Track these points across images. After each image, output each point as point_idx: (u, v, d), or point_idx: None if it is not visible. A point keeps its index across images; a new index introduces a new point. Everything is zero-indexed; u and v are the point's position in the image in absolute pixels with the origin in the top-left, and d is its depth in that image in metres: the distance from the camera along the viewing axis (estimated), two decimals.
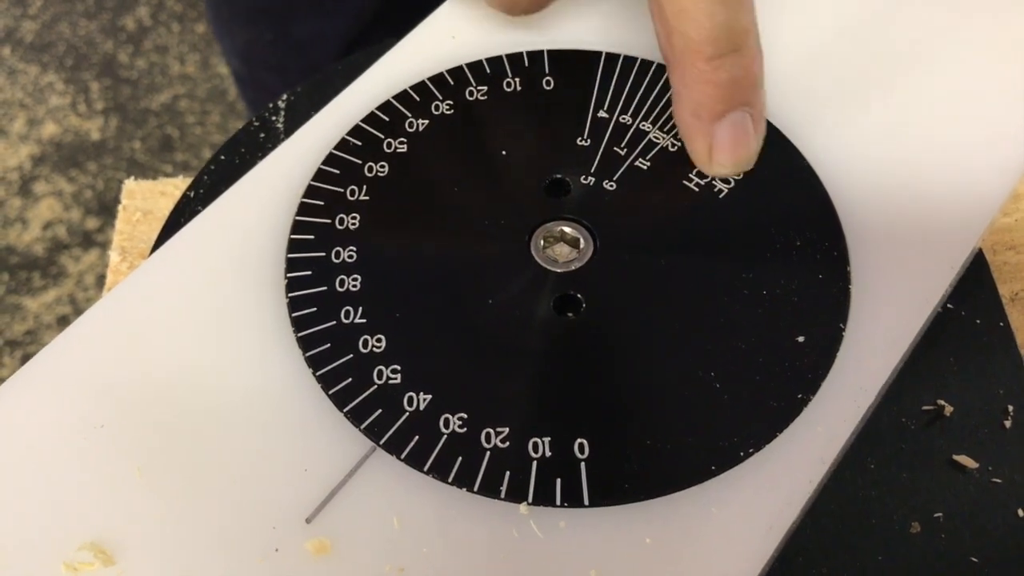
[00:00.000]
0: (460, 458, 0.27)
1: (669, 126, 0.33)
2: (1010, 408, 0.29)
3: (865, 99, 0.33)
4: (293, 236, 0.31)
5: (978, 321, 0.31)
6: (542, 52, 0.35)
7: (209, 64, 1.40)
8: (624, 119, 0.33)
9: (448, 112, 0.34)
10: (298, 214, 0.31)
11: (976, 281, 0.31)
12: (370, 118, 0.33)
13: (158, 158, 1.30)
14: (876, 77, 0.34)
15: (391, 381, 0.28)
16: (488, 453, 0.27)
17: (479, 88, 0.34)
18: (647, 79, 0.34)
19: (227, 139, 0.36)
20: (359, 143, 0.33)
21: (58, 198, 1.27)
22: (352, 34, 0.60)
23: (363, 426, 0.27)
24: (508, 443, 0.27)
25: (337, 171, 0.32)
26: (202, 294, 0.30)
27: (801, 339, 0.28)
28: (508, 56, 0.35)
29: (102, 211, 1.25)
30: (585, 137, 0.33)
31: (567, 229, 0.31)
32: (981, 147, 0.32)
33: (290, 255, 0.30)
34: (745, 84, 0.29)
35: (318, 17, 0.60)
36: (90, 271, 1.22)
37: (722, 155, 0.30)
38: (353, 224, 0.31)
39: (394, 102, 0.34)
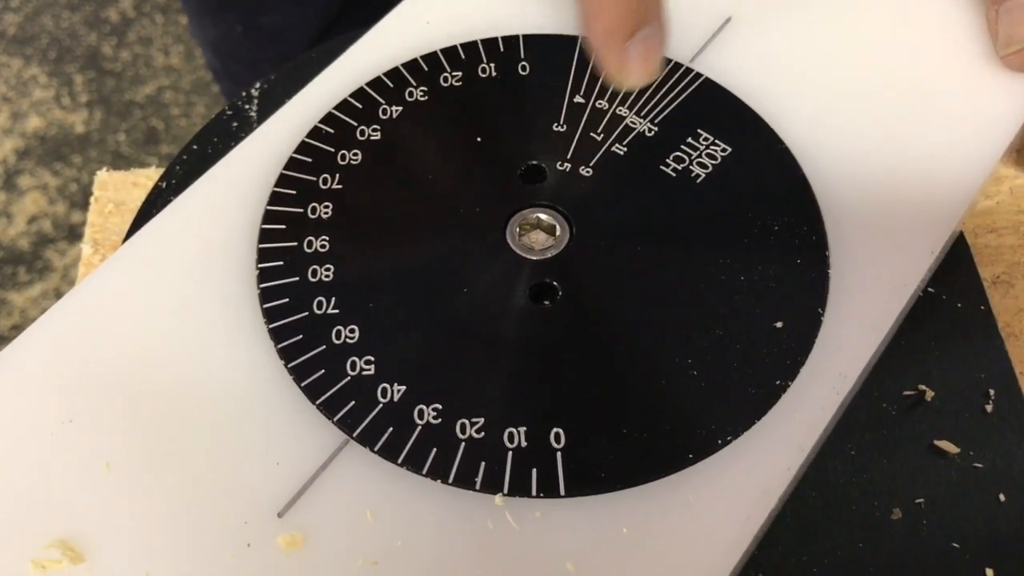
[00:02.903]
0: (434, 449, 0.26)
1: (646, 111, 0.32)
2: (992, 392, 0.29)
3: (844, 82, 0.33)
4: (264, 226, 0.30)
5: (959, 305, 0.31)
6: (517, 37, 0.34)
7: (193, 55, 1.39)
8: (600, 104, 0.32)
9: (422, 99, 0.33)
10: (270, 204, 0.31)
11: (957, 264, 0.31)
12: (343, 105, 0.33)
13: (143, 150, 1.29)
14: (855, 60, 0.33)
15: (364, 372, 0.28)
16: (463, 444, 0.26)
17: (453, 74, 0.34)
18: None
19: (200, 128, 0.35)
20: (332, 131, 0.32)
21: (43, 192, 1.26)
22: (323, 23, 0.60)
23: (336, 418, 0.27)
24: (483, 433, 0.26)
25: (309, 160, 0.32)
26: (172, 286, 0.29)
27: (779, 325, 0.28)
28: (483, 41, 0.34)
29: (87, 204, 1.24)
30: (561, 123, 0.32)
31: (543, 216, 0.30)
32: (961, 129, 0.32)
33: (261, 245, 0.30)
34: (653, 1, 0.31)
35: (287, 7, 0.59)
36: (76, 265, 1.21)
37: (635, 71, 0.31)
38: (326, 213, 0.31)
39: (367, 89, 0.33)
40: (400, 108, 0.33)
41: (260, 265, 0.29)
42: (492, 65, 0.34)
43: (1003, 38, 0.32)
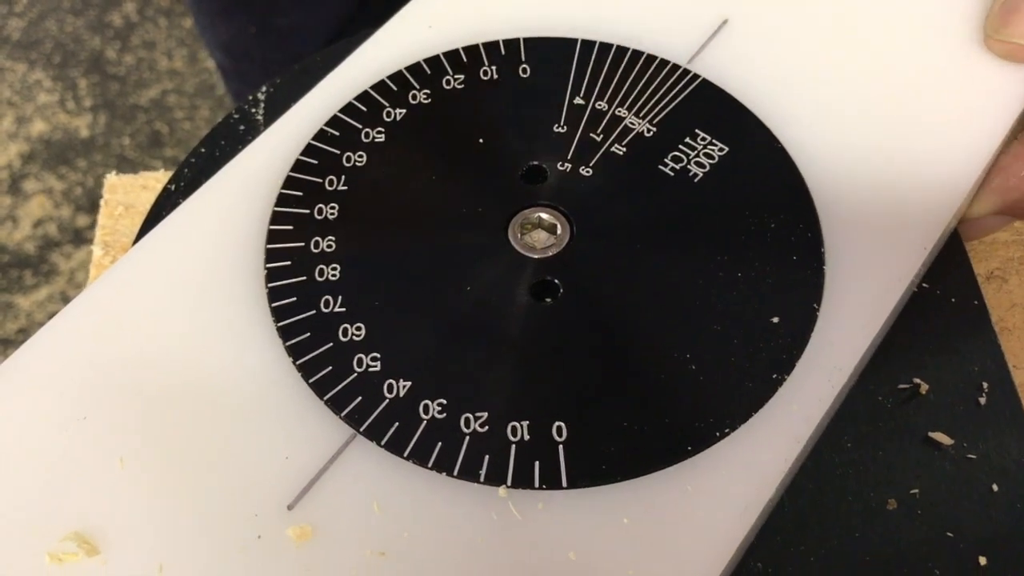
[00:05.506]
0: (440, 443, 0.27)
1: (645, 112, 0.33)
2: (985, 385, 0.29)
3: (839, 82, 0.33)
4: (272, 227, 0.31)
5: (953, 300, 0.31)
6: (518, 40, 0.35)
7: (197, 59, 1.40)
8: (600, 105, 0.33)
9: (425, 101, 0.34)
10: (277, 205, 0.31)
11: (951, 260, 0.32)
12: (348, 108, 0.34)
13: (147, 154, 1.30)
14: (849, 61, 0.34)
15: (371, 369, 0.28)
16: (467, 438, 0.27)
17: (456, 77, 0.34)
18: (623, 65, 0.34)
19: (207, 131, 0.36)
20: (337, 133, 0.33)
21: (48, 196, 1.27)
22: (336, 25, 0.60)
23: (344, 413, 0.27)
24: (487, 427, 0.27)
25: (316, 161, 0.32)
26: (182, 286, 0.30)
27: (776, 320, 0.29)
28: (484, 44, 0.35)
29: (92, 208, 1.25)
30: (562, 124, 0.33)
31: (544, 215, 0.31)
32: (955, 127, 0.32)
33: (269, 245, 0.31)
34: None
35: (301, 8, 0.60)
36: (82, 268, 1.22)
37: None
38: (332, 214, 0.31)
39: (372, 92, 0.34)
40: (403, 111, 0.34)
41: (268, 265, 0.30)
42: (493, 68, 0.34)
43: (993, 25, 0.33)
